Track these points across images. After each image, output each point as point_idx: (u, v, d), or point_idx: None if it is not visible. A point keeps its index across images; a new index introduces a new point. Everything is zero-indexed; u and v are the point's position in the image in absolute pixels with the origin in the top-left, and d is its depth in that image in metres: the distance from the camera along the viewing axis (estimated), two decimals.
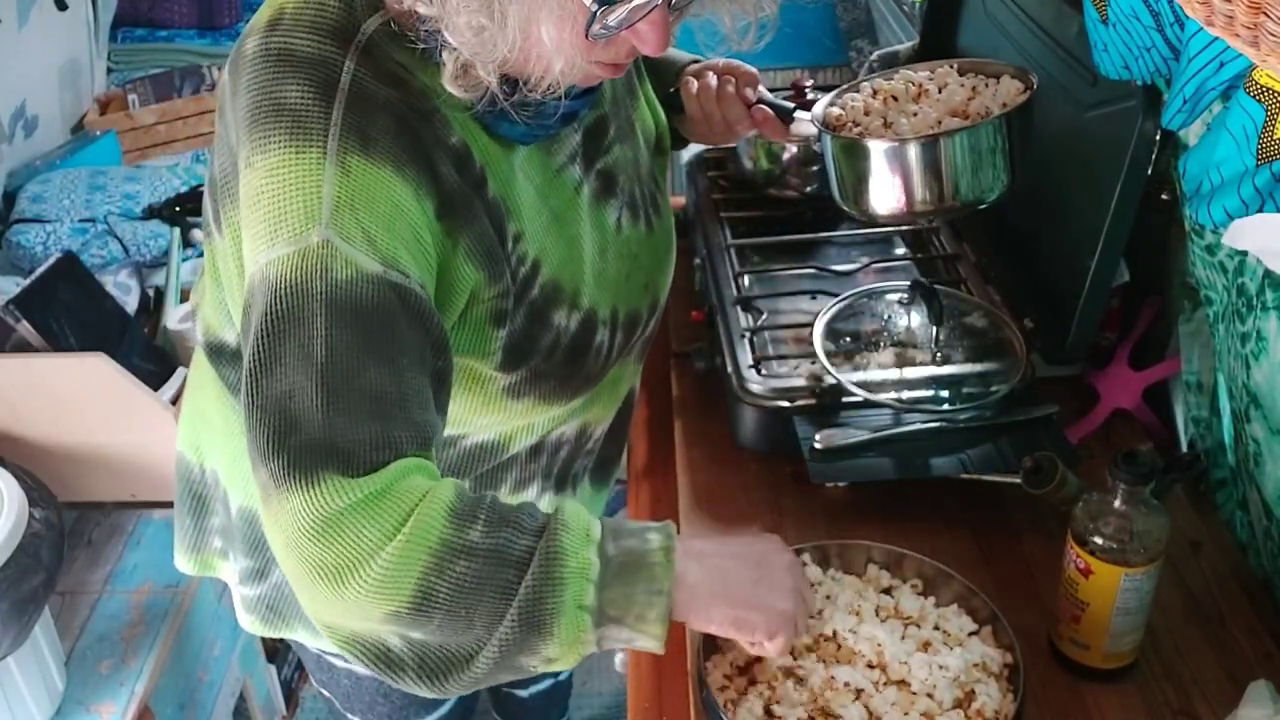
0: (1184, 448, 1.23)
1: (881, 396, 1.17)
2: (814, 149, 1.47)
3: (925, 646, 0.95)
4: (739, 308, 1.32)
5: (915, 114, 1.16)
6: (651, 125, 1.20)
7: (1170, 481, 1.07)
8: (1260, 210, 0.85)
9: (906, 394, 1.19)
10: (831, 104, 1.23)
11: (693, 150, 1.78)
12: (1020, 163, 1.11)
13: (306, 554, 0.81)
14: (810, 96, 1.56)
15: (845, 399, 1.18)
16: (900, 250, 1.44)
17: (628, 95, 1.14)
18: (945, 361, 1.21)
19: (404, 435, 0.84)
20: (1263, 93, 0.82)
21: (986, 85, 1.18)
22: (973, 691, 0.91)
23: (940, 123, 1.12)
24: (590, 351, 1.07)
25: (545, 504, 1.20)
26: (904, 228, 1.45)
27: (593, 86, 0.98)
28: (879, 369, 1.21)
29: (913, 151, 1.09)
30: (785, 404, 1.19)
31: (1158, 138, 1.02)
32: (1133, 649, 0.97)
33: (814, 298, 1.34)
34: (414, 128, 0.88)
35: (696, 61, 1.27)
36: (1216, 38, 0.68)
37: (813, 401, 1.18)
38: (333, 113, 0.85)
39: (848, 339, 1.25)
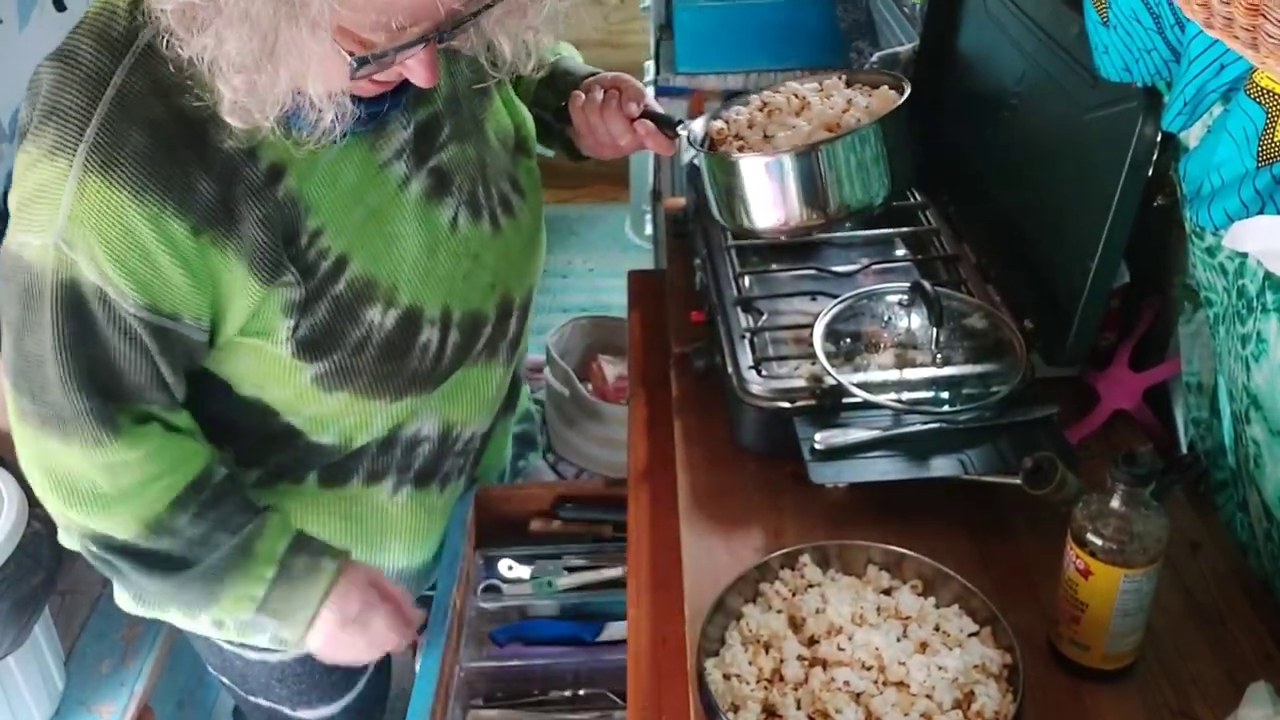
0: (1184, 449, 1.23)
1: (881, 397, 1.17)
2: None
3: (923, 647, 0.95)
4: (739, 308, 1.32)
5: (793, 128, 1.18)
6: (509, 126, 1.20)
7: (1170, 483, 1.07)
8: (1260, 212, 0.85)
9: (907, 395, 1.19)
10: (715, 117, 1.25)
11: (692, 152, 1.78)
12: (900, 169, 1.16)
13: (51, 484, 1.05)
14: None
15: (845, 400, 1.18)
16: (900, 251, 1.44)
17: (474, 93, 1.14)
18: (945, 362, 1.21)
19: (121, 408, 1.01)
20: (1263, 95, 0.82)
21: (866, 96, 1.21)
22: (972, 692, 0.91)
23: (810, 136, 1.16)
24: (413, 350, 1.09)
25: (402, 499, 1.24)
26: (891, 231, 1.45)
27: (399, 89, 1.00)
28: (879, 370, 1.21)
29: (781, 165, 1.13)
30: (785, 404, 1.19)
31: (1158, 140, 1.02)
32: (1132, 650, 0.97)
33: (814, 299, 1.34)
34: (170, 144, 0.92)
35: (593, 75, 1.29)
36: (1216, 40, 0.68)
37: (813, 402, 1.18)
38: (87, 129, 0.91)
39: (848, 340, 1.25)
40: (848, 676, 0.92)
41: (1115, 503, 0.92)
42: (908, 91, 1.18)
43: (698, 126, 1.25)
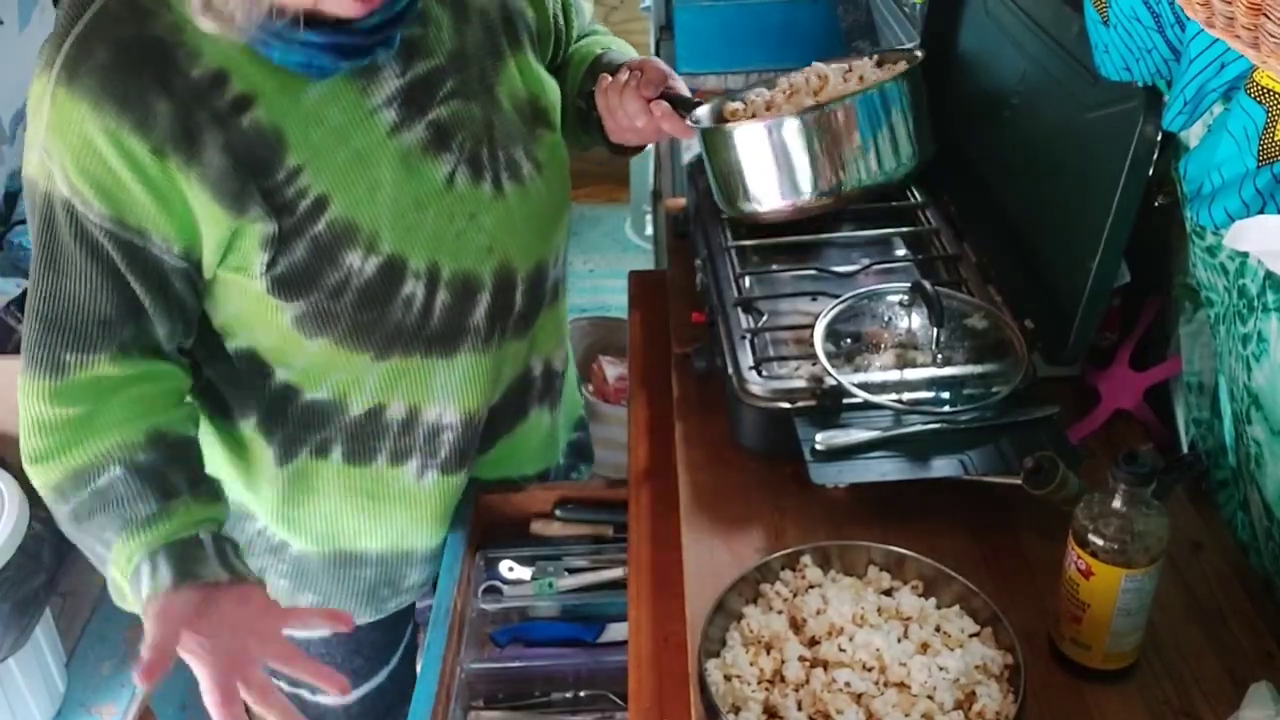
0: (1185, 448, 1.23)
1: (882, 398, 1.17)
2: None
3: (924, 648, 0.95)
4: (740, 309, 1.32)
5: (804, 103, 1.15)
6: (525, 94, 1.19)
7: (1171, 482, 1.07)
8: (1261, 212, 0.85)
9: (907, 395, 1.19)
10: (733, 99, 1.21)
11: (694, 150, 1.78)
12: (920, 138, 1.09)
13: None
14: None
15: (846, 400, 1.18)
16: (901, 251, 1.44)
17: (485, 55, 1.15)
18: (946, 362, 1.21)
19: (56, 341, 1.02)
20: (1263, 94, 0.82)
21: (886, 72, 1.16)
22: (973, 693, 0.91)
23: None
24: (395, 300, 1.10)
25: (428, 484, 1.25)
26: (892, 231, 1.45)
27: (381, 27, 1.02)
28: (880, 370, 1.21)
29: (781, 129, 1.05)
30: (786, 405, 1.19)
31: (1159, 139, 1.02)
32: (1134, 649, 0.97)
33: (815, 299, 1.34)
34: (133, 66, 0.97)
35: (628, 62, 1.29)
36: (1217, 39, 0.68)
37: (813, 403, 1.18)
38: (65, 43, 0.97)
39: (848, 340, 1.25)
40: (849, 677, 0.92)
41: (1116, 502, 0.92)
42: (920, 58, 1.12)
43: (709, 107, 1.20)
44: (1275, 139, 0.82)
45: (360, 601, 1.27)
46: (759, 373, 1.22)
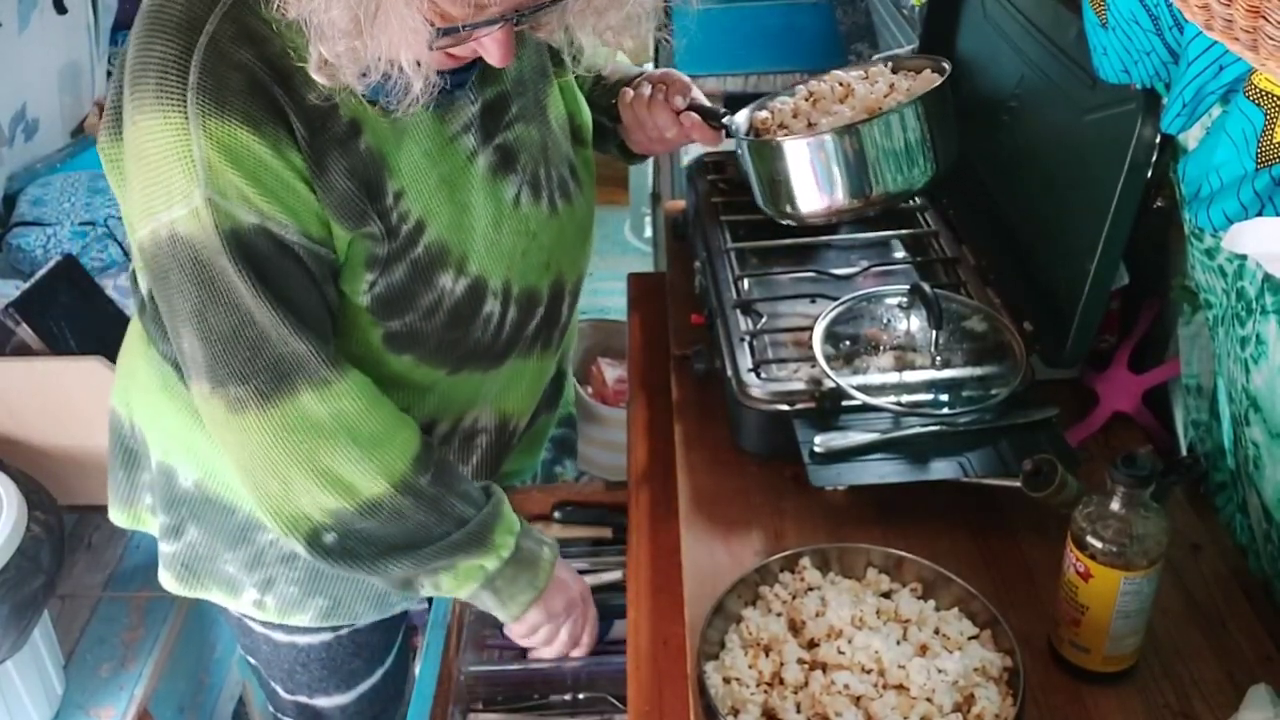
0: (1184, 451, 1.23)
1: (881, 400, 1.17)
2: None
3: (924, 650, 0.95)
4: (739, 311, 1.32)
5: (836, 114, 1.20)
6: (564, 113, 1.23)
7: (1170, 484, 1.07)
8: (1259, 214, 0.85)
9: (906, 397, 1.19)
10: (760, 108, 1.26)
11: (693, 153, 1.79)
12: (941, 149, 1.16)
13: (303, 464, 1.03)
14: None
15: (845, 402, 1.18)
16: (900, 254, 1.44)
17: (538, 77, 1.18)
18: (945, 365, 1.21)
19: (328, 347, 1.01)
20: (1262, 96, 0.82)
21: (910, 79, 1.21)
22: (972, 695, 0.91)
23: (852, 120, 1.17)
24: (478, 319, 1.12)
25: None
26: (891, 233, 1.45)
27: (476, 61, 1.02)
28: (879, 372, 1.21)
29: (820, 146, 1.14)
30: (785, 407, 1.19)
31: (1157, 141, 1.02)
32: (1133, 652, 0.97)
33: (814, 301, 1.34)
34: (266, 86, 0.94)
35: (642, 74, 1.32)
36: (1215, 42, 0.68)
37: (812, 405, 1.18)
38: (189, 75, 0.92)
39: (847, 342, 1.25)
40: (848, 680, 0.92)
41: (1115, 505, 0.92)
42: (948, 72, 1.18)
43: (741, 118, 1.26)
44: (1274, 141, 0.82)
45: (371, 604, 1.27)
46: (758, 375, 1.22)
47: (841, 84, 1.27)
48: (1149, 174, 1.05)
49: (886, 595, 1.01)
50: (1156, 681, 0.98)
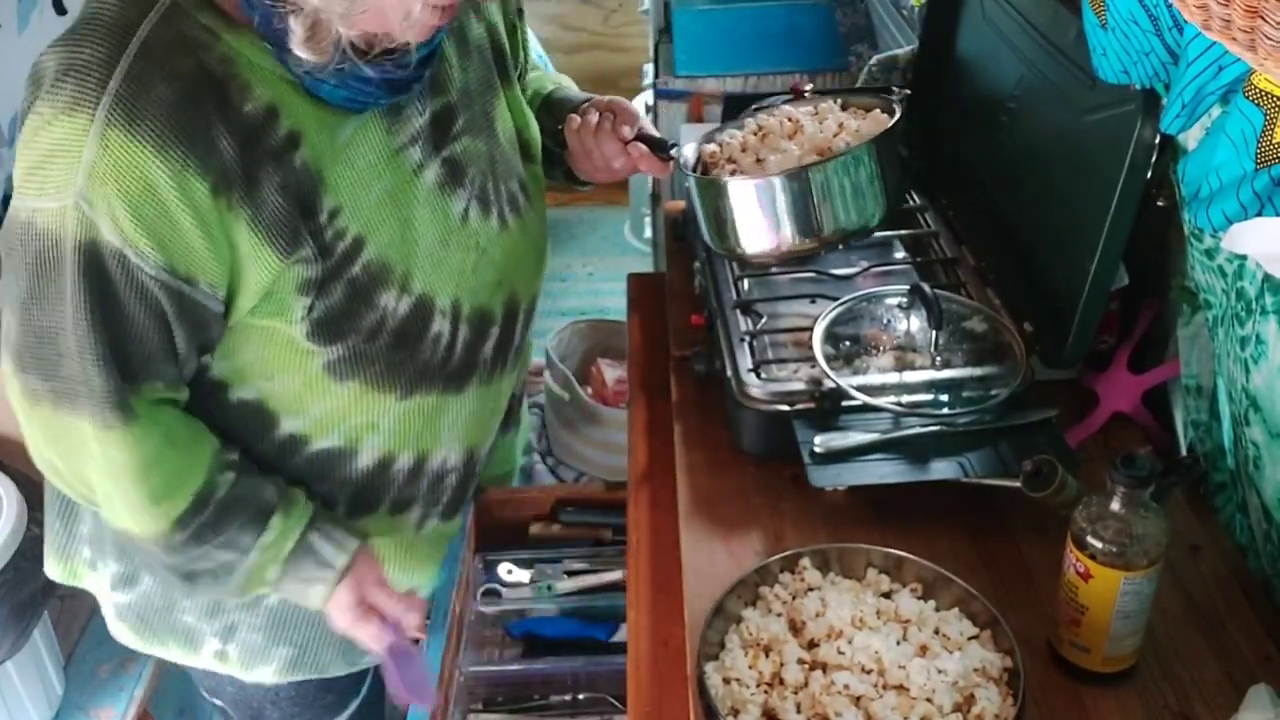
0: (1183, 451, 1.23)
1: (881, 400, 1.17)
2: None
3: (924, 651, 0.95)
4: (739, 311, 1.32)
5: (784, 151, 1.20)
6: (512, 127, 1.21)
7: (1169, 485, 1.07)
8: (1259, 214, 0.85)
9: (906, 398, 1.19)
10: (708, 140, 1.26)
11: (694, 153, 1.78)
12: (891, 191, 1.17)
13: (35, 451, 1.05)
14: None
15: (845, 403, 1.18)
16: (899, 254, 1.44)
17: (485, 90, 1.16)
18: (945, 365, 1.21)
19: (134, 389, 0.98)
20: (1261, 96, 0.82)
21: (859, 119, 1.22)
22: (972, 695, 0.91)
23: (800, 160, 1.17)
24: (425, 340, 1.09)
25: (429, 530, 1.23)
26: (891, 233, 1.45)
27: (425, 60, 1.02)
28: (878, 373, 1.21)
29: (771, 188, 1.13)
30: (785, 408, 1.19)
31: (1157, 142, 1.02)
32: (1133, 652, 0.97)
33: (813, 301, 1.34)
34: (196, 100, 0.91)
35: (589, 100, 1.30)
36: (1215, 42, 0.68)
37: (812, 405, 1.18)
38: (110, 81, 0.89)
39: (847, 343, 1.25)
40: (848, 680, 0.92)
41: (1115, 505, 0.92)
42: (898, 114, 1.19)
43: (689, 150, 1.27)
44: (1273, 141, 0.82)
45: (337, 652, 1.23)
46: (758, 375, 1.22)
47: (791, 120, 1.27)
48: (1149, 174, 1.05)
49: (886, 595, 1.01)
50: (1156, 682, 0.98)
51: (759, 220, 1.17)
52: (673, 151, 1.23)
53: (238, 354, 1.05)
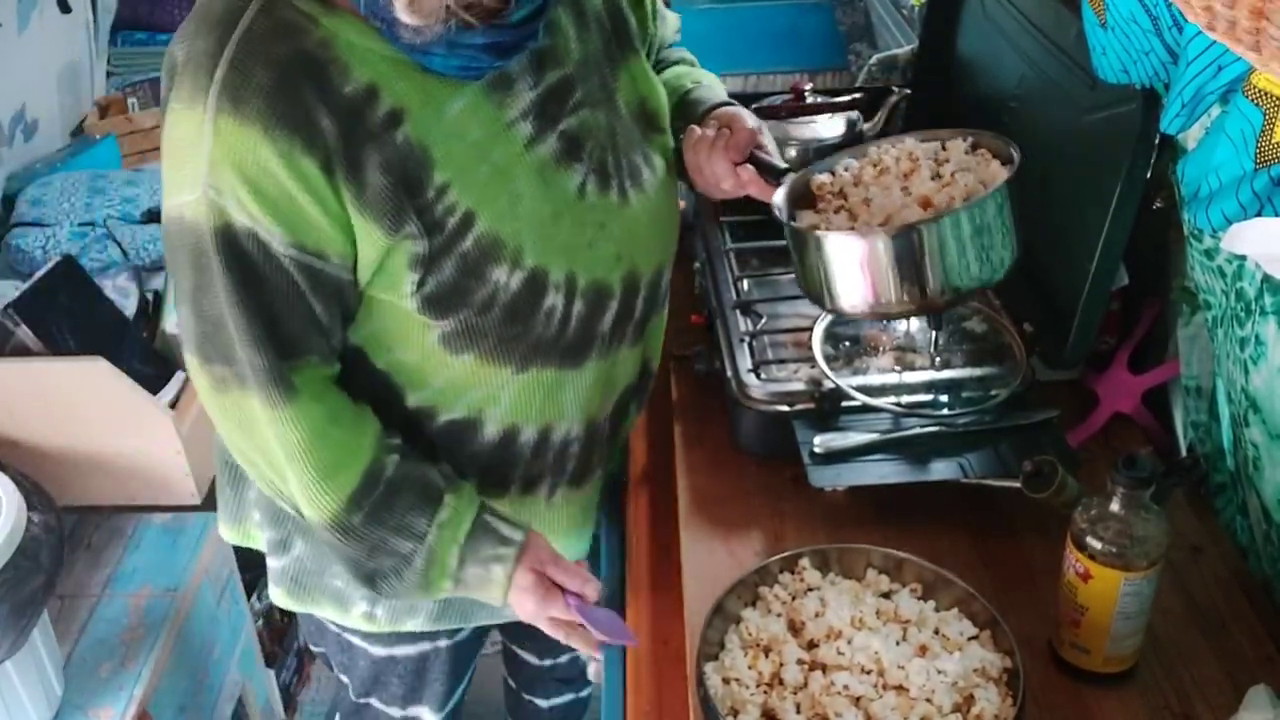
0: (1183, 452, 1.23)
1: (881, 401, 1.17)
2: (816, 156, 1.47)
3: (923, 651, 0.95)
4: (738, 311, 1.32)
5: (890, 196, 1.09)
6: (637, 99, 1.18)
7: (1170, 486, 1.07)
8: (1259, 214, 0.85)
9: (906, 398, 1.19)
10: (824, 170, 1.16)
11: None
12: (1007, 247, 1.04)
13: (230, 443, 1.08)
14: (809, 100, 1.57)
15: (845, 403, 1.18)
16: None
17: (605, 62, 1.14)
18: (945, 366, 1.21)
19: (294, 366, 1.01)
20: (1261, 96, 0.82)
21: (984, 161, 1.10)
22: (972, 696, 0.91)
23: (902, 211, 1.06)
24: (538, 314, 1.09)
25: (559, 499, 1.22)
26: None
27: (528, 20, 1.01)
28: (878, 373, 1.21)
29: (871, 246, 1.02)
30: (785, 408, 1.19)
31: (1156, 142, 1.02)
32: (1133, 653, 0.97)
33: None
34: (296, 84, 0.94)
35: (726, 105, 1.25)
36: (1215, 42, 0.68)
37: (812, 405, 1.18)
38: (217, 70, 0.93)
39: (847, 343, 1.25)
40: (847, 680, 0.92)
41: (1115, 506, 0.92)
42: (1017, 161, 1.06)
43: (799, 178, 1.15)
44: (1273, 141, 0.82)
45: (481, 604, 1.22)
46: (758, 375, 1.22)
47: (911, 158, 1.14)
48: (1148, 174, 1.05)
49: (886, 596, 1.01)
50: (1157, 682, 0.98)
51: (856, 277, 1.05)
52: (785, 177, 1.15)
53: (362, 325, 1.08)
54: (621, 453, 1.38)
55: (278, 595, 1.27)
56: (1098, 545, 0.92)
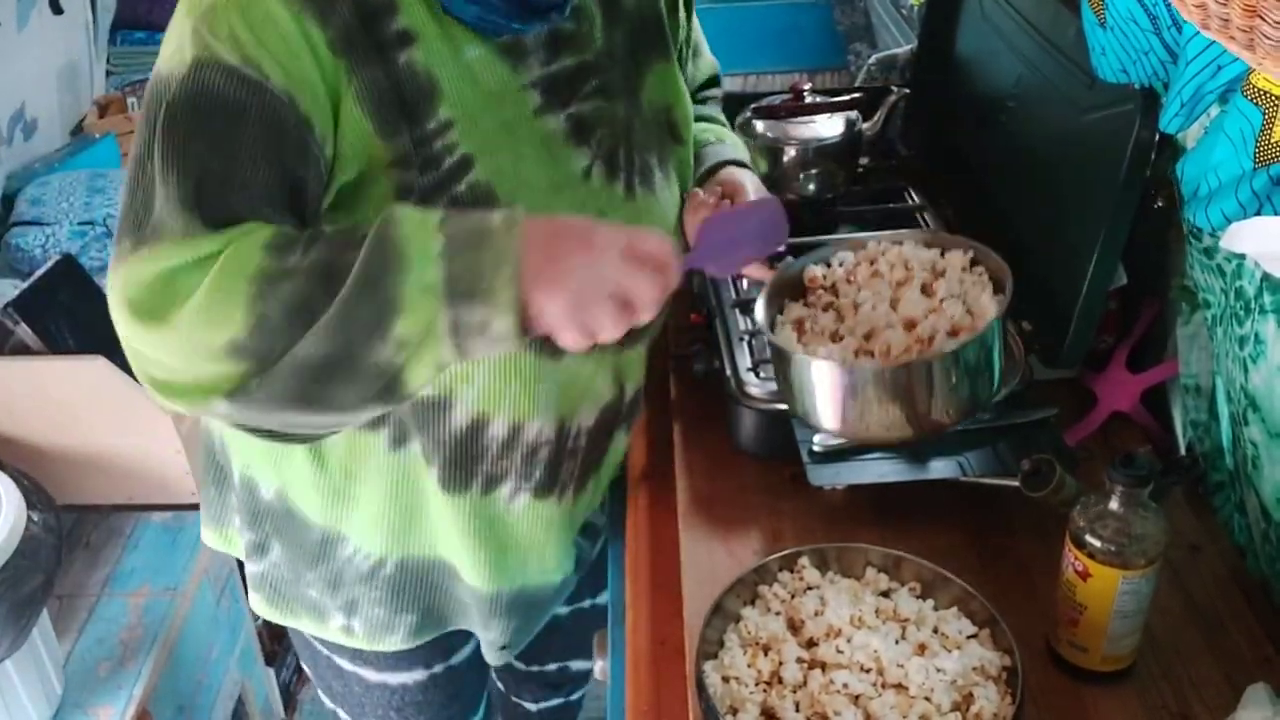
0: (1182, 450, 1.23)
1: None
2: (814, 155, 1.46)
3: (922, 650, 0.95)
4: (738, 310, 1.32)
5: (877, 309, 1.04)
6: (663, 102, 1.17)
7: (1168, 484, 1.07)
8: (1258, 213, 0.85)
9: None
10: (819, 261, 1.11)
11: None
12: (993, 378, 1.02)
13: (135, 304, 0.87)
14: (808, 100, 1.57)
15: None
16: None
17: (631, 58, 1.13)
18: None
19: (237, 216, 0.88)
20: (1260, 96, 0.82)
21: (980, 280, 1.06)
22: (971, 694, 0.91)
23: (885, 333, 1.02)
24: None
25: (521, 504, 1.17)
26: (890, 233, 1.45)
27: (537, 14, 1.00)
28: None
29: (855, 375, 0.98)
30: (784, 407, 1.19)
31: (1155, 141, 1.02)
32: (1131, 651, 0.97)
33: None
34: None
35: (723, 165, 1.23)
36: (1214, 41, 0.68)
37: None
38: None
39: None
40: (846, 679, 0.92)
41: (1113, 504, 0.92)
42: (1009, 293, 1.02)
43: (763, 304, 1.09)
44: (1272, 141, 0.82)
45: (459, 608, 1.20)
46: (757, 374, 1.22)
47: (906, 266, 1.09)
48: (1148, 174, 1.05)
49: (885, 594, 1.01)
50: (1155, 681, 0.98)
51: (839, 404, 1.01)
52: (780, 265, 1.12)
53: None
54: (613, 484, 1.35)
55: (258, 603, 1.24)
56: (1096, 544, 0.92)
